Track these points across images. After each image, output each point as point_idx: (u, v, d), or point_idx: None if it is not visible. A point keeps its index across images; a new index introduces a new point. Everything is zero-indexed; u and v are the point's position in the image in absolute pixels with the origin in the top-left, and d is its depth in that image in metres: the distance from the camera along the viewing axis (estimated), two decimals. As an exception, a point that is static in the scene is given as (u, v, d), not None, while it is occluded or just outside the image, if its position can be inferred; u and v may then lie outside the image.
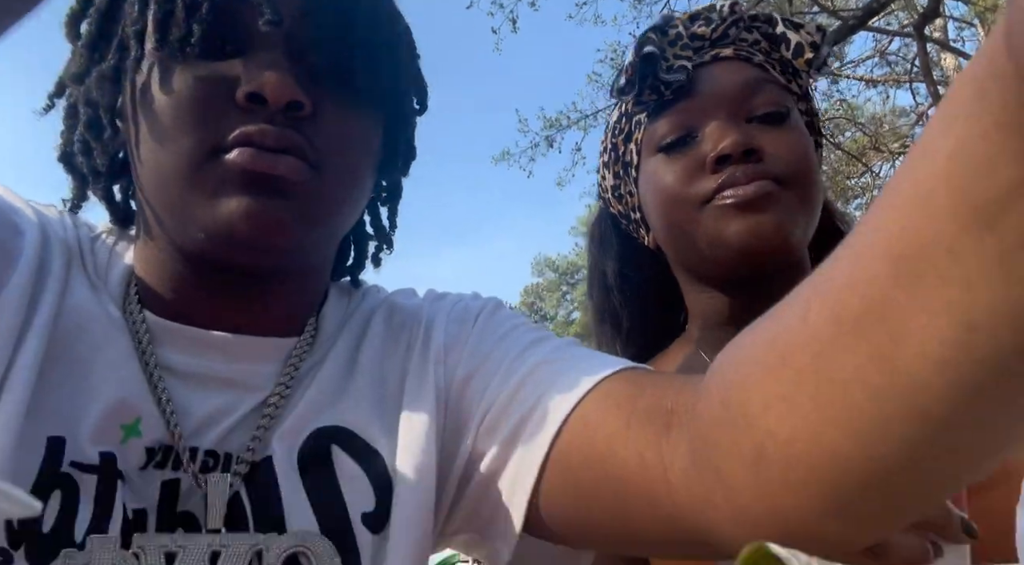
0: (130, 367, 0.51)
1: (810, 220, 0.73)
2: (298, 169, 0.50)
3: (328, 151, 0.52)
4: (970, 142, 0.23)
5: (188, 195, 0.50)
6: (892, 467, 0.30)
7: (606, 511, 0.46)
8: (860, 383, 0.29)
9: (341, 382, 0.58)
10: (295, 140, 0.50)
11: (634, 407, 0.46)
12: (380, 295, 0.67)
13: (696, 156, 0.70)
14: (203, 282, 0.54)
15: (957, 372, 0.26)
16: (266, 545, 0.49)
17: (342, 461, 0.54)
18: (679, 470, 0.41)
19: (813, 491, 0.33)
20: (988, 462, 0.31)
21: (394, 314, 0.64)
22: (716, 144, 0.68)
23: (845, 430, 0.30)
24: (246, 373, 0.54)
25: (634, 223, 0.82)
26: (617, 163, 0.80)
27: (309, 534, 0.51)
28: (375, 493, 0.54)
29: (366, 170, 0.57)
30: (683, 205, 0.71)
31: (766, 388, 0.33)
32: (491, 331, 0.60)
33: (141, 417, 0.50)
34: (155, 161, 0.51)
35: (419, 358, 0.60)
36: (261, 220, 0.49)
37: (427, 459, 0.55)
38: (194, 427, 0.51)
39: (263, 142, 0.49)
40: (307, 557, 0.50)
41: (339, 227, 0.58)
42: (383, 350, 0.61)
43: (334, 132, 0.52)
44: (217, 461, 0.51)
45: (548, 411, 0.50)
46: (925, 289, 0.26)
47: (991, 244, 0.23)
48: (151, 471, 0.50)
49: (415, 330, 0.62)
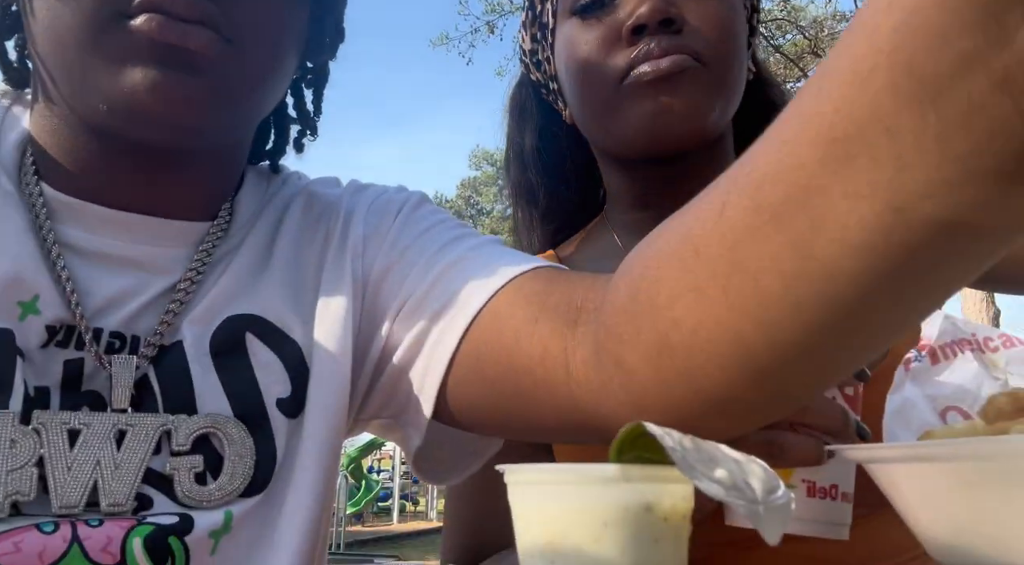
0: (25, 242, 0.49)
1: (729, 102, 0.70)
2: (210, 42, 0.46)
3: (244, 24, 0.48)
4: (921, 13, 0.22)
5: (88, 61, 0.46)
6: (792, 354, 0.31)
7: (510, 400, 0.48)
8: (774, 272, 0.29)
9: (256, 270, 0.57)
10: (208, 9, 0.46)
11: (544, 303, 0.47)
12: (300, 183, 0.65)
13: (612, 23, 0.66)
14: (107, 157, 0.51)
15: (873, 257, 0.26)
16: (175, 425, 0.49)
17: (256, 348, 0.54)
18: (580, 361, 0.42)
19: (710, 381, 0.34)
20: (885, 345, 0.34)
21: (313, 203, 0.63)
22: (632, 11, 0.64)
23: (753, 318, 0.31)
24: (153, 255, 0.53)
25: (552, 93, 0.77)
26: (534, 24, 0.74)
27: (220, 416, 0.51)
28: (290, 379, 0.55)
29: (288, 48, 0.54)
30: (597, 81, 0.67)
31: (677, 279, 0.34)
32: (412, 225, 0.60)
33: (39, 294, 0.48)
34: (51, 18, 0.46)
35: (336, 249, 0.60)
36: (168, 96, 0.46)
37: (343, 347, 0.56)
38: (97, 307, 0.50)
39: (172, 9, 0.45)
40: (218, 438, 0.51)
41: (256, 108, 0.55)
42: (300, 239, 0.60)
43: (252, 3, 0.49)
44: (124, 343, 0.50)
45: (460, 305, 0.51)
46: (854, 172, 0.25)
47: (932, 122, 0.23)
48: (53, 349, 0.48)
49: (334, 221, 0.61)
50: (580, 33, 0.68)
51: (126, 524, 0.46)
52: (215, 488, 0.50)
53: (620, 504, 0.30)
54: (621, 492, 0.30)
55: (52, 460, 0.45)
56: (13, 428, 0.44)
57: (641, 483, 0.30)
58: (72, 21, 0.45)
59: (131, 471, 0.47)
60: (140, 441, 0.48)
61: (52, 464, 0.45)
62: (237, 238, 0.58)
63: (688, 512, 0.32)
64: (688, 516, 0.32)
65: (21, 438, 0.45)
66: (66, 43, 0.46)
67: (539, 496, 0.32)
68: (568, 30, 0.69)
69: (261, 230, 0.60)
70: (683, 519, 0.32)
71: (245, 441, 0.52)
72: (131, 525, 0.46)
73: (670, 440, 0.29)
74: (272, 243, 0.59)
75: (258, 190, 0.62)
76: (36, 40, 0.49)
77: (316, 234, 0.61)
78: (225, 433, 0.51)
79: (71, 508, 0.45)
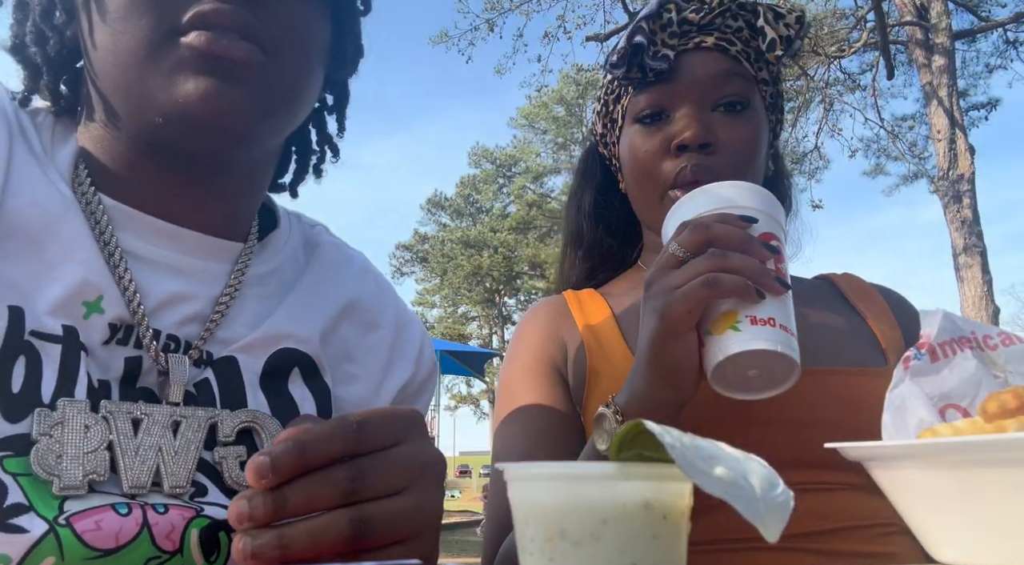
0: (89, 248, 0.53)
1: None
2: (252, 53, 0.52)
3: (281, 37, 0.54)
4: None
5: (145, 78, 0.51)
6: None
7: None
8: None
9: (298, 299, 0.64)
10: (249, 20, 0.51)
11: None
12: (332, 238, 0.74)
13: (666, 135, 0.86)
14: (158, 170, 0.56)
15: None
16: (221, 419, 0.55)
17: (296, 382, 0.61)
18: None
19: None
20: None
21: (369, 280, 0.73)
22: (680, 131, 0.84)
23: None
24: (199, 267, 0.58)
25: (614, 167, 1.00)
26: (607, 117, 0.96)
27: (260, 413, 0.57)
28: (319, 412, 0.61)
29: (316, 61, 0.60)
30: (647, 181, 0.88)
31: None
32: (410, 400, 0.71)
33: (103, 295, 0.52)
34: (111, 45, 0.52)
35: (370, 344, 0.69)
36: (218, 104, 0.51)
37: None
38: (153, 308, 0.55)
39: (218, 21, 0.50)
40: (257, 432, 0.56)
41: (290, 119, 0.60)
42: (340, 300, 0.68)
43: (286, 17, 0.54)
44: (178, 345, 0.56)
45: None
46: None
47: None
48: (114, 347, 0.53)
49: (382, 324, 0.70)
50: (640, 138, 0.89)
51: (188, 514, 0.50)
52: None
53: (619, 501, 0.30)
54: (620, 489, 0.30)
55: (121, 445, 0.50)
56: (86, 415, 0.49)
57: (640, 481, 0.30)
58: (131, 44, 0.51)
59: (188, 458, 0.52)
60: (194, 431, 0.53)
61: (121, 448, 0.50)
62: (271, 264, 0.65)
63: (687, 509, 0.32)
64: (687, 513, 0.32)
65: (93, 424, 0.49)
66: (125, 64, 0.52)
67: (538, 493, 0.32)
68: (632, 132, 0.90)
69: (296, 265, 0.67)
70: (682, 516, 0.32)
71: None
72: (191, 516, 0.50)
73: (669, 438, 0.29)
74: (303, 279, 0.66)
75: (290, 226, 0.70)
76: (96, 68, 0.54)
77: (361, 319, 0.69)
78: (264, 427, 0.57)
79: (140, 488, 0.50)
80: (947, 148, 8.42)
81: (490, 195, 31.52)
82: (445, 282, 31.03)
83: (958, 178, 8.31)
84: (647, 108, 0.88)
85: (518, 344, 0.94)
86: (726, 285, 0.59)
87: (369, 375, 0.67)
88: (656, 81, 0.87)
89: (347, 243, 0.76)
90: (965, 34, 10.50)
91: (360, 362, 0.67)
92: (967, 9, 10.40)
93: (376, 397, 0.67)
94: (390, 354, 0.69)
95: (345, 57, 0.67)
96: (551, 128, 28.81)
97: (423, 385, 0.72)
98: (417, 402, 0.72)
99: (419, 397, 0.72)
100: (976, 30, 10.72)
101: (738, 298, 0.59)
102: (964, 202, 8.26)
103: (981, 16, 10.76)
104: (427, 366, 0.73)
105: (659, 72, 0.86)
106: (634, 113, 0.90)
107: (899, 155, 12.63)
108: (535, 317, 0.96)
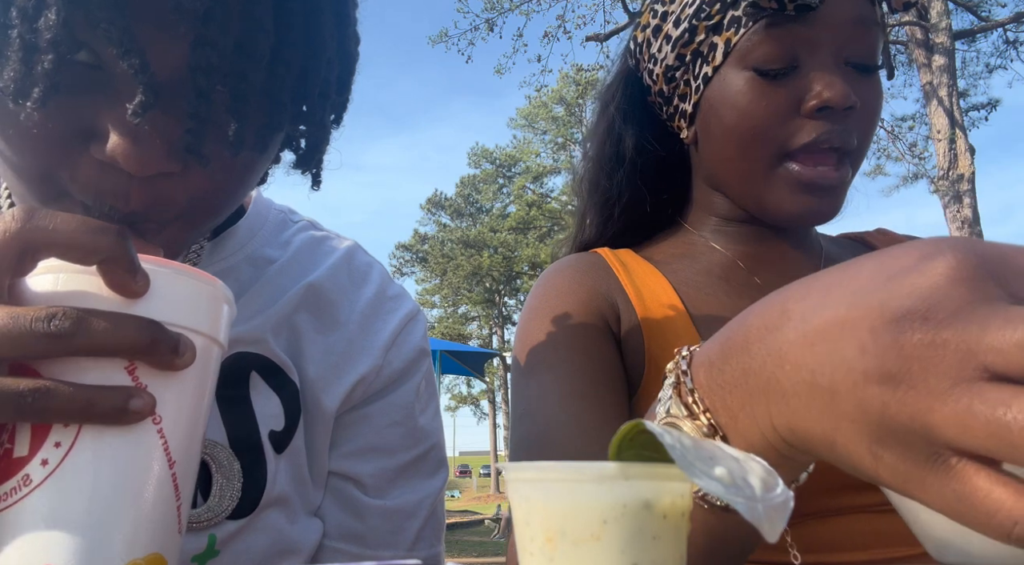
0: None
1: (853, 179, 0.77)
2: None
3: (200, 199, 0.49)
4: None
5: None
6: None
7: None
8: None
9: (256, 299, 0.62)
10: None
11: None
12: (320, 233, 0.71)
13: (794, 91, 0.69)
14: None
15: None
16: None
17: (258, 386, 0.59)
18: None
19: None
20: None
21: (377, 289, 0.69)
22: (820, 90, 0.68)
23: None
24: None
25: (673, 108, 0.79)
26: (688, 46, 0.74)
27: (210, 442, 0.55)
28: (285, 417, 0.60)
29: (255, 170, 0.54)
30: (762, 146, 0.71)
31: None
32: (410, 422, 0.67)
33: None
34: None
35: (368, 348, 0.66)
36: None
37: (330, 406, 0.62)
38: None
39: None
40: (206, 462, 0.55)
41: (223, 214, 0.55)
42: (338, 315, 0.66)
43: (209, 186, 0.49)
44: None
45: None
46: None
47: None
48: None
49: (342, 317, 0.66)
50: (758, 92, 0.70)
51: None
52: (203, 510, 0.54)
53: (619, 502, 0.30)
54: (620, 490, 0.30)
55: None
56: None
57: (640, 481, 0.30)
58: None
59: None
60: None
61: None
62: (222, 264, 0.62)
63: (687, 509, 0.32)
64: (687, 513, 0.32)
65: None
66: None
67: (539, 493, 0.32)
68: (741, 80, 0.71)
69: (259, 264, 0.64)
70: (682, 516, 0.32)
71: (232, 463, 0.56)
72: None
73: (669, 438, 0.29)
74: (263, 278, 0.63)
75: (263, 223, 0.67)
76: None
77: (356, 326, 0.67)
78: (213, 457, 0.55)
79: None
80: (947, 148, 8.42)
81: (490, 195, 31.52)
82: (445, 282, 31.06)
83: (958, 178, 8.32)
84: (776, 58, 0.69)
85: (547, 298, 0.74)
86: None
87: (318, 367, 0.63)
88: (793, 20, 0.68)
89: (341, 236, 0.72)
90: (965, 34, 10.50)
91: (305, 354, 0.63)
92: (967, 9, 10.40)
93: (328, 387, 0.63)
94: (347, 348, 0.64)
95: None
96: (551, 128, 28.83)
97: (400, 375, 0.66)
98: (392, 393, 0.66)
99: (393, 388, 0.66)
100: (976, 30, 10.72)
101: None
102: (964, 202, 8.27)
103: (981, 16, 10.77)
104: (405, 355, 0.67)
105: (805, 7, 0.67)
106: (752, 58, 0.70)
107: (899, 155, 12.62)
108: (565, 269, 0.77)
